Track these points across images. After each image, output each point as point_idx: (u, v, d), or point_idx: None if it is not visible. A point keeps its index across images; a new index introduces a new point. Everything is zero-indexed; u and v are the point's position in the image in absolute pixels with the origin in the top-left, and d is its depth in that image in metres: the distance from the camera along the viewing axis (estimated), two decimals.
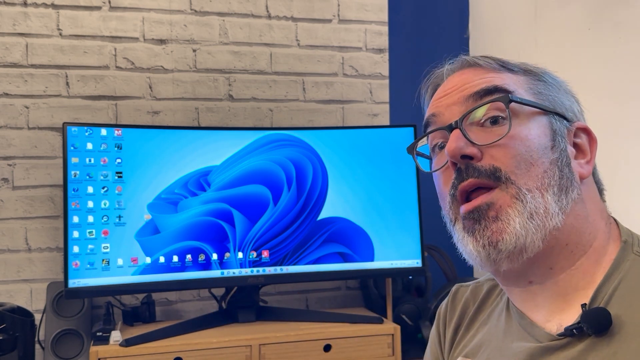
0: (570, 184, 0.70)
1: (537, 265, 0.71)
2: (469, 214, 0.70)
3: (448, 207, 0.74)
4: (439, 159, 0.76)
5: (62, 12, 2.05)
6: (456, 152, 0.70)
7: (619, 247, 0.72)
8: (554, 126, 0.72)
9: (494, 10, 2.31)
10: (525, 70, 0.76)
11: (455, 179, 0.71)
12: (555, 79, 0.77)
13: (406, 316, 2.05)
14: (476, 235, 0.69)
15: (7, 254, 1.98)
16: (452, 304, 0.89)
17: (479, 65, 0.76)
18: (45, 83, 2.03)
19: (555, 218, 0.68)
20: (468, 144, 0.70)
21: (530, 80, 0.75)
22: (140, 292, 1.97)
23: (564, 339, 0.68)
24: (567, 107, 0.75)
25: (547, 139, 0.71)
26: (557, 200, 0.69)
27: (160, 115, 2.13)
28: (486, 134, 0.71)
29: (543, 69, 0.78)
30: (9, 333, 1.72)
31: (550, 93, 0.75)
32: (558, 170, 0.70)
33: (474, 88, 0.73)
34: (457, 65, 0.79)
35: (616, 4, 1.70)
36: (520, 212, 0.67)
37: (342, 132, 2.04)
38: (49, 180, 2.02)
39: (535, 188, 0.68)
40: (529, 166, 0.69)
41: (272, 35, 2.24)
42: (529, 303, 0.74)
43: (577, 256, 0.71)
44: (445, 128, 0.73)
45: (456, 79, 0.77)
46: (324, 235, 1.99)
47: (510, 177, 0.68)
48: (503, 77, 0.74)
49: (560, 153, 0.71)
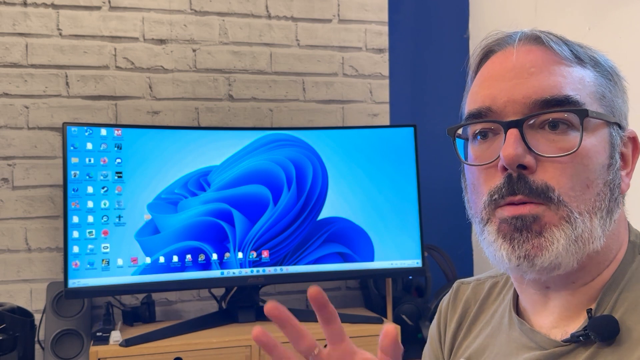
0: (616, 206, 0.67)
1: (562, 278, 0.68)
2: (511, 219, 0.65)
3: (482, 207, 0.68)
4: (483, 151, 0.69)
5: (62, 12, 2.05)
6: (515, 160, 0.63)
7: (627, 249, 0.70)
8: (613, 140, 0.67)
9: (494, 10, 2.31)
10: (594, 62, 0.69)
11: (504, 187, 0.65)
12: (618, 73, 0.71)
13: (406, 316, 2.05)
14: (514, 244, 0.65)
15: (7, 254, 1.98)
16: (453, 302, 0.87)
17: (551, 48, 0.68)
18: (45, 83, 2.03)
19: (597, 242, 0.65)
20: (527, 151, 0.64)
21: (598, 80, 0.68)
22: (140, 292, 1.97)
23: (568, 345, 0.67)
24: (623, 112, 0.70)
25: (605, 156, 0.66)
26: (602, 224, 0.65)
27: (160, 115, 2.13)
28: (548, 143, 0.64)
29: (607, 60, 0.71)
30: (8, 333, 1.72)
31: (613, 96, 0.69)
32: (610, 192, 0.66)
33: (543, 93, 0.65)
34: (527, 37, 0.69)
35: (616, 4, 1.70)
36: (568, 235, 0.64)
37: (342, 132, 2.04)
38: (49, 180, 2.02)
39: (586, 212, 0.64)
40: (585, 189, 0.64)
41: (272, 35, 2.24)
42: (540, 306, 0.72)
43: (601, 269, 0.69)
44: (503, 124, 0.66)
45: (523, 55, 0.68)
46: (324, 235, 1.99)
47: (564, 199, 0.64)
48: (574, 76, 0.66)
49: (615, 173, 0.66)
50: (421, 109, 2.34)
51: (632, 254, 0.70)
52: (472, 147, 0.71)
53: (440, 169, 2.17)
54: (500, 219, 0.66)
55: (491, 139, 0.68)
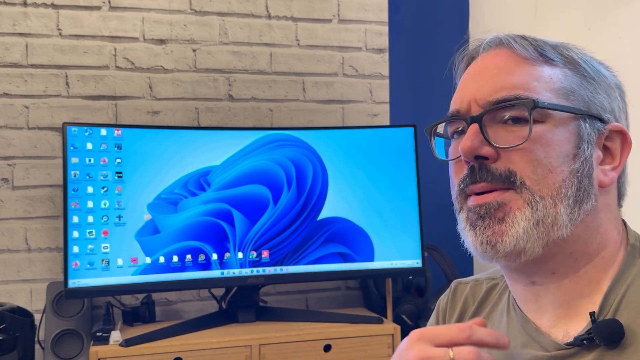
0: (586, 196, 0.68)
1: (538, 267, 0.69)
2: (475, 208, 0.68)
3: (455, 196, 0.72)
4: (455, 147, 0.74)
5: (62, 12, 2.05)
6: (470, 152, 0.68)
7: (626, 252, 0.70)
8: (582, 132, 0.68)
9: (494, 10, 2.31)
10: (566, 59, 0.71)
11: (468, 177, 0.69)
12: (599, 70, 0.72)
13: (406, 316, 2.05)
14: (477, 230, 0.68)
15: (7, 254, 1.98)
16: (452, 301, 0.88)
17: (514, 50, 0.71)
18: (45, 83, 2.03)
19: (563, 229, 0.66)
20: (484, 143, 0.68)
21: (567, 75, 0.70)
22: (140, 292, 1.97)
23: (572, 348, 0.67)
24: (604, 106, 0.70)
25: (570, 145, 0.68)
26: (569, 213, 0.66)
27: (160, 115, 2.13)
28: (507, 134, 0.68)
29: (586, 57, 0.72)
30: (8, 333, 1.72)
31: (587, 91, 0.70)
32: (577, 181, 0.67)
33: (496, 94, 0.69)
34: (494, 42, 0.73)
35: (616, 4, 1.70)
36: (528, 218, 0.66)
37: (342, 132, 2.04)
38: (49, 180, 2.02)
39: (549, 197, 0.66)
40: (547, 173, 0.66)
41: (272, 35, 2.24)
42: (532, 304, 0.73)
43: (582, 264, 0.69)
44: (465, 119, 0.70)
45: (489, 59, 0.72)
46: (324, 235, 1.99)
47: (525, 182, 0.66)
48: (534, 75, 0.69)
49: (583, 163, 0.68)
50: (421, 109, 2.34)
51: (632, 257, 0.70)
52: (452, 144, 0.76)
53: (440, 169, 2.15)
54: (468, 208, 0.70)
55: (463, 137, 0.72)
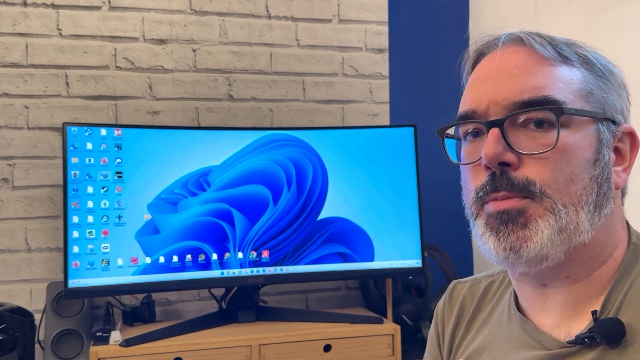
0: (606, 200, 0.67)
1: (555, 272, 0.69)
2: (497, 214, 0.67)
3: (471, 202, 0.70)
4: (470, 150, 0.71)
5: (62, 12, 2.05)
6: (494, 159, 0.66)
7: (629, 251, 0.70)
8: (602, 135, 0.68)
9: (494, 10, 2.31)
10: (582, 59, 0.70)
11: (488, 184, 0.67)
12: (612, 69, 0.71)
13: (406, 316, 2.05)
14: (500, 236, 0.67)
15: (7, 254, 1.98)
16: (449, 302, 0.88)
17: (534, 49, 0.69)
18: (45, 83, 2.03)
19: (584, 235, 0.66)
20: (507, 148, 0.66)
21: (585, 77, 0.69)
22: (140, 292, 1.97)
23: (573, 346, 0.67)
24: (617, 107, 0.70)
25: (591, 151, 0.67)
26: (589, 218, 0.66)
27: (160, 115, 2.13)
28: (529, 140, 0.66)
29: (597, 56, 0.71)
30: (8, 333, 1.72)
31: (603, 92, 0.69)
32: (597, 186, 0.67)
33: (522, 94, 0.67)
34: (510, 39, 0.71)
35: (616, 4, 1.70)
36: (552, 225, 0.65)
37: (342, 132, 2.04)
38: (49, 180, 2.02)
39: (571, 204, 0.65)
40: (569, 182, 0.65)
41: (272, 35, 2.24)
42: (538, 305, 0.72)
43: (596, 266, 0.69)
44: (485, 124, 0.68)
45: (506, 57, 0.70)
46: (324, 235, 1.99)
47: (546, 190, 0.65)
48: (557, 76, 0.68)
49: (603, 168, 0.67)
50: (421, 109, 2.34)
51: (635, 256, 0.70)
52: (463, 147, 0.73)
53: (440, 169, 2.16)
54: (487, 214, 0.68)
55: (479, 139, 0.71)
